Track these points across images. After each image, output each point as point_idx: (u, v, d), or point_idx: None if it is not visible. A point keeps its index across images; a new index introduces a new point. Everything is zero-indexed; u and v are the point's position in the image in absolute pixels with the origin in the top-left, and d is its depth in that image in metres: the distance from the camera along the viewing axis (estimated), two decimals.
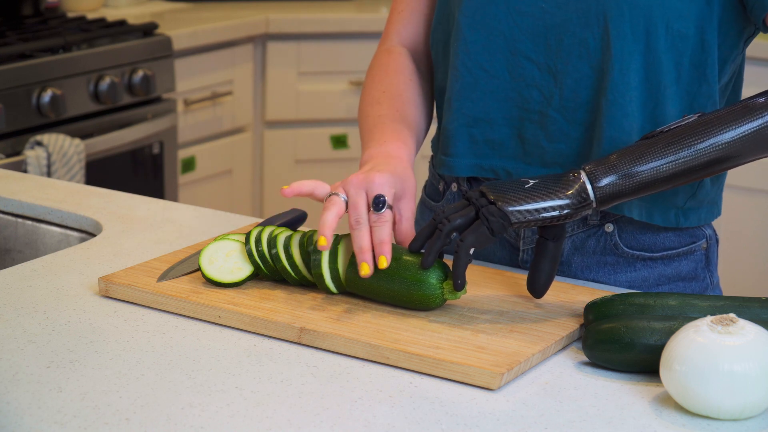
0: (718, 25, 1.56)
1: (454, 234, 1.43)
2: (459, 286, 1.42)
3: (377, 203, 1.45)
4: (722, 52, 1.58)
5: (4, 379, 1.29)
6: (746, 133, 1.46)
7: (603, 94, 1.56)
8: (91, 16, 3.56)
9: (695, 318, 1.30)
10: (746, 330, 1.23)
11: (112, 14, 3.64)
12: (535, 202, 1.42)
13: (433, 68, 1.72)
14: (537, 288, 1.48)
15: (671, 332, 1.30)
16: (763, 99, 1.48)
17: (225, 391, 1.28)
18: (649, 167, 1.45)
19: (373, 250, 1.44)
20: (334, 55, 3.72)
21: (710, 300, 1.39)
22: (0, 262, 1.88)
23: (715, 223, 1.70)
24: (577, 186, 1.44)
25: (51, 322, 1.44)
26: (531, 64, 1.59)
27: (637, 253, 1.63)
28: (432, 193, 1.75)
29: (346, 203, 1.47)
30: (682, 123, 1.48)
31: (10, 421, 1.21)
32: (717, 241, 1.69)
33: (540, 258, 1.47)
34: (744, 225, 3.39)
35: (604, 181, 1.45)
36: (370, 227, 1.45)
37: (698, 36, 1.55)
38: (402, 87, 1.68)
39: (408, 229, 1.49)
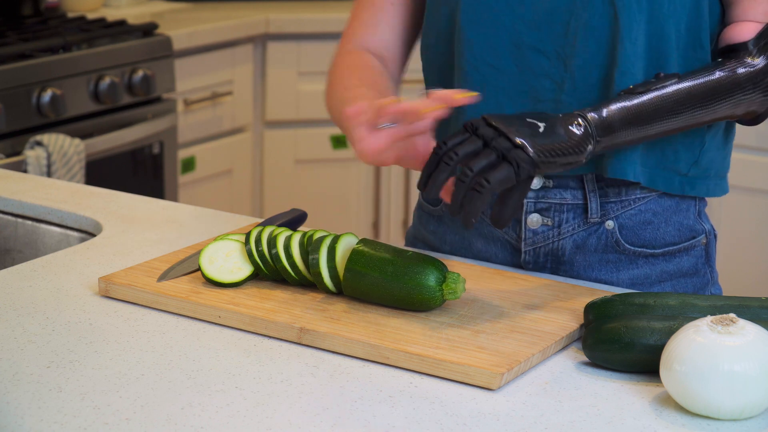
0: None
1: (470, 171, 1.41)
2: (470, 224, 1.40)
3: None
4: (712, 16, 1.62)
5: (4, 379, 1.29)
6: (738, 101, 1.57)
7: (615, 66, 1.57)
8: (91, 16, 3.56)
9: (695, 318, 1.30)
10: (746, 330, 1.23)
11: (112, 14, 3.64)
12: (559, 156, 1.44)
13: (429, 77, 1.71)
14: (502, 219, 1.45)
15: (671, 332, 1.30)
16: (743, 70, 1.57)
17: (225, 391, 1.28)
18: (653, 132, 1.53)
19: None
20: None
21: (710, 300, 1.39)
22: (0, 262, 1.88)
23: (715, 223, 1.71)
24: (584, 138, 1.47)
25: (51, 322, 1.44)
26: (538, 53, 1.59)
27: (639, 249, 1.64)
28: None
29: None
30: (666, 84, 1.54)
31: (10, 421, 1.21)
32: (715, 236, 1.70)
33: (510, 191, 1.45)
34: (744, 225, 3.39)
35: (603, 143, 1.50)
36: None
37: (694, 2, 1.59)
38: (376, 77, 1.65)
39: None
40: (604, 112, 1.50)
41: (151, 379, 1.30)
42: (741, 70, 1.57)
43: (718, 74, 1.56)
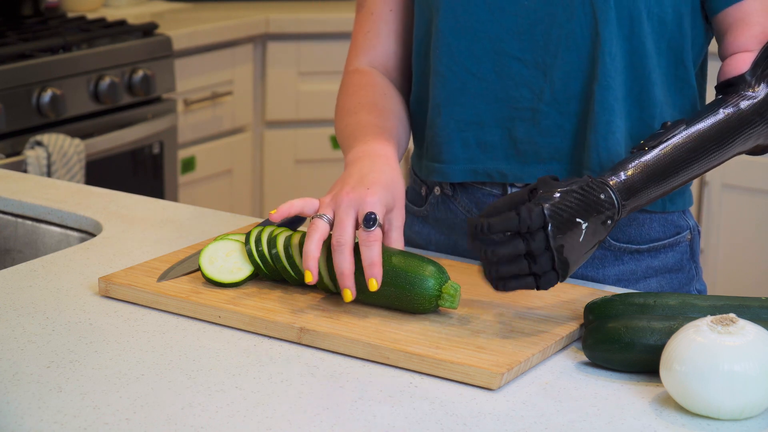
0: (691, 10, 1.60)
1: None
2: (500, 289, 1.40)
3: (368, 221, 1.42)
4: (695, 36, 1.62)
5: (4, 379, 1.29)
6: (748, 136, 1.55)
7: (595, 80, 1.57)
8: (91, 16, 3.56)
9: (695, 318, 1.30)
10: (746, 330, 1.23)
11: (112, 14, 3.64)
12: (585, 256, 1.42)
13: (413, 81, 1.71)
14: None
15: (671, 332, 1.30)
16: (747, 103, 1.55)
17: (225, 391, 1.28)
18: (673, 184, 1.51)
19: (355, 274, 1.43)
20: (334, 55, 3.72)
21: (710, 300, 1.39)
22: (0, 262, 1.88)
23: (715, 223, 1.72)
24: (609, 231, 1.44)
25: (51, 322, 1.44)
26: (518, 62, 1.60)
27: (624, 245, 1.64)
28: (414, 198, 1.75)
29: (331, 224, 1.45)
30: (676, 132, 1.51)
31: (11, 421, 1.21)
32: (699, 232, 1.73)
33: None
34: (744, 225, 3.39)
35: (628, 206, 1.47)
36: (360, 247, 1.42)
37: (676, 21, 1.59)
38: (377, 98, 1.66)
39: (397, 238, 1.47)
40: (622, 174, 1.46)
41: (151, 379, 1.30)
42: (744, 104, 1.55)
43: (722, 112, 1.54)
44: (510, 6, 1.59)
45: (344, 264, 1.42)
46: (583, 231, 1.41)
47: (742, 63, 1.57)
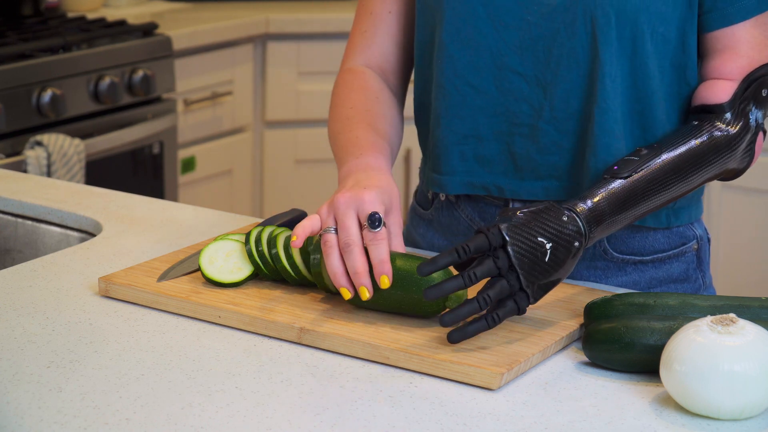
0: (697, 27, 1.58)
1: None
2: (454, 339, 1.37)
3: (373, 221, 1.41)
4: (700, 53, 1.60)
5: (4, 379, 1.29)
6: (721, 166, 1.56)
7: (594, 101, 1.56)
8: (91, 16, 3.56)
9: (695, 318, 1.30)
10: (746, 330, 1.23)
11: (112, 14, 3.64)
12: (555, 277, 1.41)
13: (415, 87, 1.70)
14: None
15: (671, 332, 1.30)
16: (719, 134, 1.55)
17: (225, 391, 1.28)
18: (640, 211, 1.51)
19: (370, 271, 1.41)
20: (334, 55, 3.72)
21: (710, 300, 1.39)
22: (0, 262, 1.88)
23: (715, 223, 1.71)
24: (578, 254, 1.43)
25: (51, 322, 1.44)
26: (518, 77, 1.59)
27: (627, 257, 1.63)
28: (422, 200, 1.74)
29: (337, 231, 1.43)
30: (649, 162, 1.51)
31: (10, 421, 1.21)
32: (708, 240, 1.70)
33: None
34: (744, 225, 3.39)
35: (595, 236, 1.47)
36: (366, 246, 1.41)
37: (680, 39, 1.57)
38: (370, 103, 1.65)
39: (399, 245, 1.45)
40: (589, 202, 1.46)
41: (151, 379, 1.30)
42: (717, 134, 1.55)
43: (694, 142, 1.54)
44: (513, 20, 1.57)
45: (357, 263, 1.40)
46: (548, 251, 1.40)
47: (722, 91, 1.56)
